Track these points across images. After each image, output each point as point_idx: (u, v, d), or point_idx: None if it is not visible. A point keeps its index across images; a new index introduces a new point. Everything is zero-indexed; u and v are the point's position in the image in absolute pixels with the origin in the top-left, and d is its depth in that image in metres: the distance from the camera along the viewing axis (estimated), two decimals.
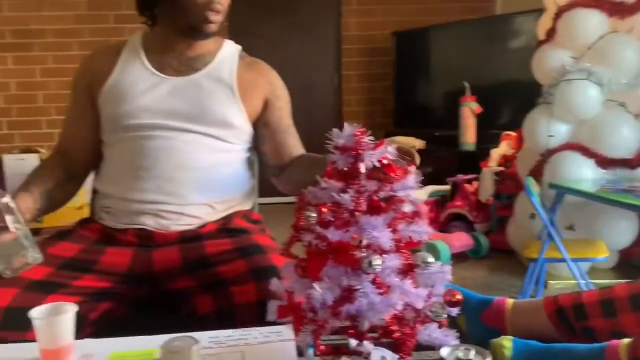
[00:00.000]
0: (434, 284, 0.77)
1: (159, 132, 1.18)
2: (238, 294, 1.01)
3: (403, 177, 0.79)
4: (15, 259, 0.94)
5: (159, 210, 1.16)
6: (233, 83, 1.24)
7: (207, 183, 1.19)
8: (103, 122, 1.24)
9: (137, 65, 1.23)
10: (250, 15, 4.77)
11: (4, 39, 4.66)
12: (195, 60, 1.25)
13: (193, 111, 1.19)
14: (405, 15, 4.78)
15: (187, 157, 1.18)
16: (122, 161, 1.20)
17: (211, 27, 1.20)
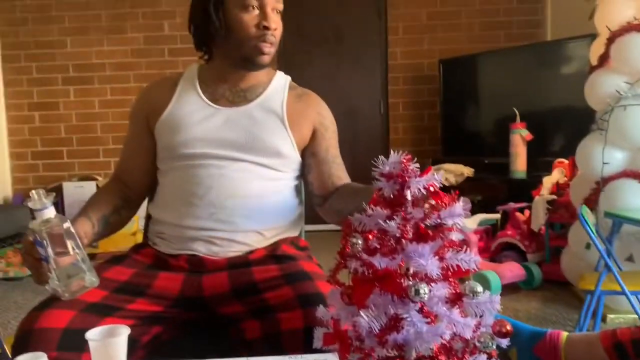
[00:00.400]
0: (482, 314, 0.75)
1: (212, 161, 1.21)
2: (285, 321, 1.01)
3: (450, 205, 0.78)
4: (73, 282, 0.98)
5: (210, 237, 1.19)
6: (283, 113, 1.27)
7: (257, 210, 1.22)
8: (159, 151, 1.29)
9: (192, 97, 1.28)
10: (298, 46, 4.88)
11: (68, 73, 4.93)
12: (248, 91, 1.29)
13: (244, 141, 1.23)
14: (452, 44, 4.78)
15: (238, 185, 1.21)
16: (176, 189, 1.24)
17: (264, 59, 1.25)
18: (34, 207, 0.96)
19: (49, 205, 0.97)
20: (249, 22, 1.21)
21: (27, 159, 5.02)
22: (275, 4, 1.25)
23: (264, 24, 1.22)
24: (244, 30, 1.22)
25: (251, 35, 1.22)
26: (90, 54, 4.92)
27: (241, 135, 1.23)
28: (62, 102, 4.96)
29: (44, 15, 4.89)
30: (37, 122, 4.99)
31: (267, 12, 1.22)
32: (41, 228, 0.95)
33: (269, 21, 1.22)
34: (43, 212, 0.96)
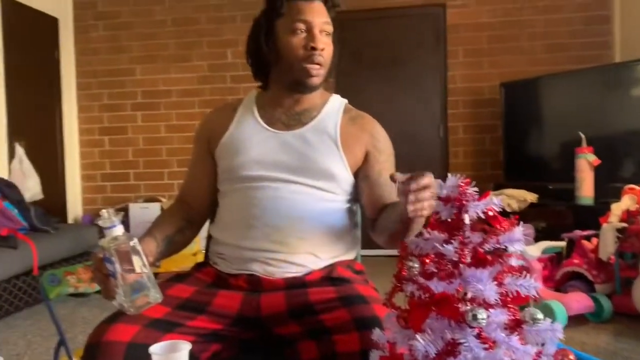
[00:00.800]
0: (544, 343, 0.73)
1: (268, 183, 1.25)
2: (341, 343, 1.01)
3: (510, 230, 0.77)
4: (139, 297, 1.02)
5: (266, 258, 1.21)
6: (337, 136, 1.29)
7: (312, 232, 1.23)
8: (220, 173, 1.34)
9: (250, 121, 1.33)
10: (357, 71, 4.93)
11: (136, 100, 5.19)
12: (303, 114, 1.32)
13: (299, 164, 1.25)
14: (513, 67, 4.70)
15: (293, 207, 1.23)
16: (234, 210, 1.28)
17: (314, 81, 1.27)
18: (104, 225, 1.01)
19: (117, 224, 1.02)
20: (297, 45, 1.25)
21: (97, 181, 5.28)
22: (323, 26, 1.27)
23: (311, 44, 1.24)
24: (292, 53, 1.25)
25: (299, 57, 1.25)
26: (158, 81, 5.16)
27: (295, 158, 1.26)
28: (131, 126, 5.21)
29: (115, 45, 5.19)
30: (107, 145, 5.25)
31: (314, 33, 1.25)
32: (109, 245, 1.00)
33: (316, 42, 1.24)
34: (112, 230, 1.01)
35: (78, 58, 5.24)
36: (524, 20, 4.71)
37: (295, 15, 1.25)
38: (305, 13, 1.25)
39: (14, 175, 4.31)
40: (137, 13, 5.14)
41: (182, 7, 5.09)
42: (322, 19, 1.27)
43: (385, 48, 4.91)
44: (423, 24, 4.87)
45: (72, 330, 2.95)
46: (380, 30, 4.91)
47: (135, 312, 1.03)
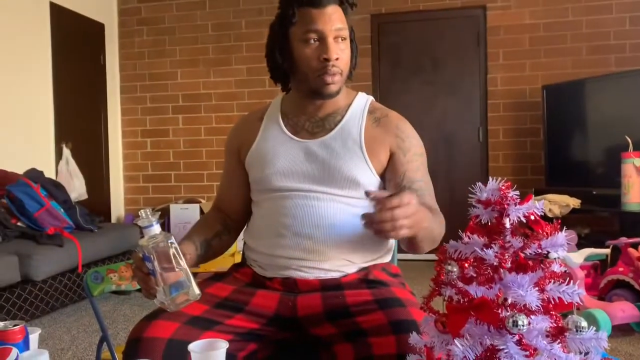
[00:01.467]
0: (587, 352, 0.71)
1: (296, 193, 1.24)
2: (377, 346, 1.01)
3: (552, 234, 0.75)
4: (178, 295, 1.04)
5: (300, 265, 1.21)
6: (361, 141, 1.26)
7: (343, 239, 1.22)
8: (250, 183, 1.35)
9: (275, 131, 1.32)
10: (395, 74, 4.91)
11: (177, 103, 5.30)
12: (327, 120, 1.30)
13: (324, 174, 1.24)
14: (556, 69, 4.59)
15: (322, 215, 1.22)
16: (265, 219, 1.28)
17: (331, 89, 1.24)
18: (142, 224, 1.04)
19: (155, 223, 1.04)
20: (311, 56, 1.22)
21: (139, 182, 5.42)
22: (337, 33, 1.21)
23: (323, 56, 1.21)
24: (306, 64, 1.23)
25: (313, 69, 1.22)
26: (198, 84, 5.26)
27: (320, 168, 1.24)
28: (172, 129, 5.33)
29: (158, 50, 5.31)
30: (149, 147, 5.38)
31: (327, 43, 1.20)
32: (148, 244, 1.03)
33: (329, 52, 1.20)
34: (150, 229, 1.03)
35: (122, 62, 5.39)
36: (567, 21, 4.59)
37: (307, 24, 1.21)
38: (317, 22, 1.20)
39: (61, 175, 4.46)
40: (180, 18, 5.26)
41: (222, 11, 5.18)
42: (335, 26, 1.21)
43: (425, 51, 4.87)
44: (463, 26, 4.81)
45: (114, 327, 3.03)
46: (419, 32, 4.88)
47: (174, 309, 1.05)
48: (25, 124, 4.24)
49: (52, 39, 4.51)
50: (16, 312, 3.01)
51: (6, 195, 3.44)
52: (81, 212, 3.80)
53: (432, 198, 1.29)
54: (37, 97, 4.40)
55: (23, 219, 3.43)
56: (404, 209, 1.00)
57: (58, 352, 2.68)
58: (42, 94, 4.45)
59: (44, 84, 4.46)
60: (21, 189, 3.47)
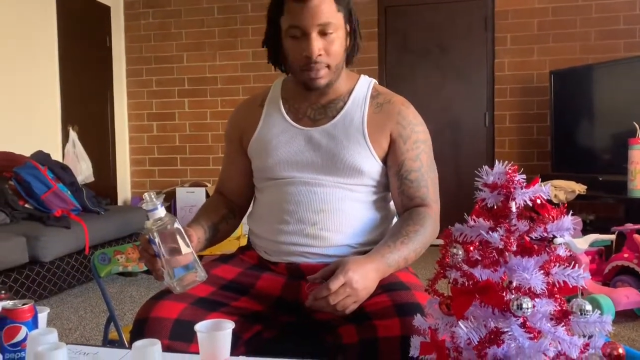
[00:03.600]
0: (592, 335, 0.71)
1: (299, 180, 1.24)
2: (381, 328, 1.01)
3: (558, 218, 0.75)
4: (184, 276, 1.05)
5: (303, 252, 1.21)
6: (363, 127, 1.24)
7: (346, 225, 1.22)
8: (253, 171, 1.34)
9: (277, 118, 1.30)
10: (402, 58, 4.87)
11: (183, 86, 5.29)
12: (328, 107, 1.28)
13: (326, 162, 1.23)
14: (564, 54, 4.54)
15: (325, 202, 1.21)
16: (268, 206, 1.28)
17: (318, 83, 1.22)
18: (147, 207, 1.03)
19: (160, 206, 1.04)
20: (295, 52, 1.20)
21: (145, 165, 5.43)
22: (321, 28, 1.16)
23: (304, 53, 1.18)
24: (291, 59, 1.22)
25: (298, 65, 1.21)
26: (204, 68, 5.24)
27: (322, 157, 1.23)
28: (178, 113, 5.32)
29: (164, 33, 5.29)
30: (155, 131, 5.39)
31: (309, 39, 1.16)
32: (152, 227, 1.03)
33: (310, 50, 1.16)
34: (154, 212, 1.03)
35: (128, 45, 5.38)
36: (577, 5, 4.54)
37: (291, 19, 1.17)
38: (299, 17, 1.15)
39: (68, 158, 4.48)
40: (185, 1, 5.22)
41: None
42: (319, 20, 1.15)
43: (432, 35, 4.83)
44: (471, 9, 4.76)
45: (121, 308, 3.07)
46: (426, 16, 4.83)
47: (181, 290, 1.06)
48: (32, 107, 4.24)
49: (58, 21, 4.50)
50: (25, 292, 3.04)
51: (14, 177, 3.47)
52: (88, 194, 3.82)
53: (428, 189, 1.25)
54: (44, 80, 4.40)
55: (30, 201, 3.45)
56: (333, 297, 1.01)
57: (66, 332, 2.72)
58: (49, 77, 4.45)
59: (50, 67, 4.46)
60: (28, 171, 3.49)
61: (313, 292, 1.03)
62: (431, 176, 1.27)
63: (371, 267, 1.07)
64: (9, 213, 3.28)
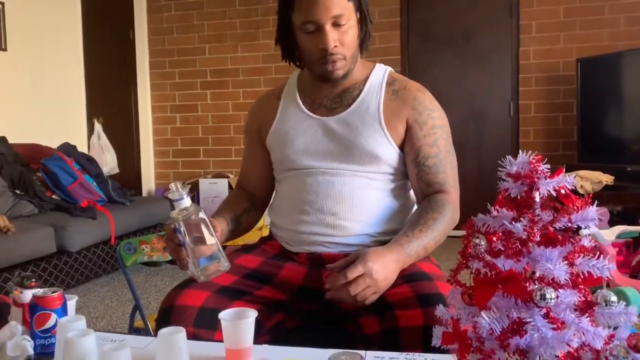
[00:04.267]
0: (617, 326, 0.70)
1: (318, 170, 1.24)
2: (403, 318, 1.02)
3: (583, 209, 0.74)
4: (209, 265, 1.07)
5: (323, 241, 1.22)
6: (380, 115, 1.24)
7: (366, 214, 1.22)
8: (273, 163, 1.36)
9: (293, 110, 1.31)
10: (424, 47, 4.82)
11: (206, 78, 5.33)
12: (344, 95, 1.28)
13: (343, 150, 1.23)
14: (592, 41, 4.44)
15: (343, 192, 1.22)
16: (288, 197, 1.29)
17: (336, 74, 1.22)
18: (173, 197, 1.05)
19: (186, 196, 1.06)
20: (310, 46, 1.20)
21: (169, 157, 5.50)
22: (334, 19, 1.16)
23: (320, 47, 1.18)
24: (307, 53, 1.22)
25: (314, 58, 1.21)
26: (226, 60, 5.26)
27: (339, 145, 1.24)
28: (200, 104, 5.36)
29: (186, 25, 5.32)
30: (178, 123, 5.44)
31: (323, 32, 1.16)
32: (178, 217, 1.05)
33: (325, 42, 1.17)
34: (180, 202, 1.05)
35: (151, 38, 5.42)
36: None
37: (304, 14, 1.17)
38: (312, 11, 1.15)
39: (93, 150, 4.56)
40: None
41: None
42: (332, 13, 1.15)
43: (455, 23, 4.76)
44: None
45: (146, 297, 3.12)
46: (449, 4, 4.77)
47: (204, 279, 1.08)
48: (58, 100, 4.32)
49: (82, 16, 4.56)
50: (53, 281, 3.11)
51: (41, 168, 3.54)
52: (113, 185, 3.88)
53: (447, 174, 1.24)
54: (69, 73, 4.47)
55: (58, 192, 3.52)
56: (353, 287, 1.02)
57: (93, 320, 2.78)
58: (74, 70, 4.52)
59: (75, 60, 4.53)
60: (55, 162, 3.56)
61: (330, 280, 1.04)
62: (450, 162, 1.26)
63: (391, 257, 1.07)
64: (37, 204, 3.36)
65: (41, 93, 4.14)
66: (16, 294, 1.05)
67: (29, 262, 2.98)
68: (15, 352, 0.92)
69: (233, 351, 0.92)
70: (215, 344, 0.99)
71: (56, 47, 4.31)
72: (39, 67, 4.12)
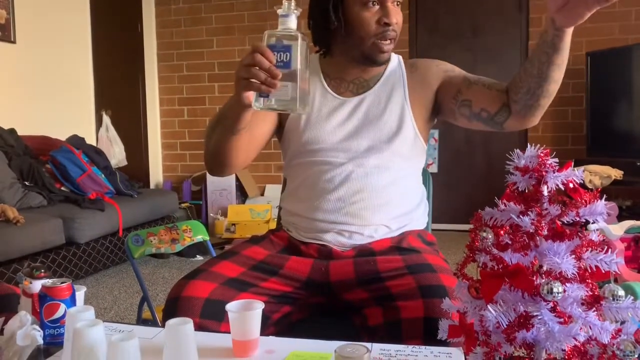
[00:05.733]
0: (624, 320, 0.70)
1: (341, 155, 1.25)
2: (405, 309, 1.02)
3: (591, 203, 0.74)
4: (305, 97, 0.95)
5: (340, 229, 1.23)
6: (405, 92, 1.29)
7: (384, 203, 1.23)
8: (290, 143, 1.33)
9: (319, 90, 1.32)
10: (433, 41, 4.80)
11: (213, 71, 5.32)
12: (370, 80, 1.32)
13: (367, 123, 1.26)
14: (602, 35, 4.39)
15: (365, 180, 1.23)
16: (307, 182, 1.29)
17: (384, 57, 1.26)
18: (283, 12, 0.97)
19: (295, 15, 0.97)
20: (370, 19, 1.21)
21: (177, 150, 5.51)
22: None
23: (384, 20, 1.20)
24: (364, 27, 1.22)
25: (372, 33, 1.22)
26: (234, 52, 5.26)
27: (363, 119, 1.27)
28: (208, 97, 5.36)
29: (194, 17, 5.32)
30: (186, 115, 5.45)
31: (387, 6, 1.21)
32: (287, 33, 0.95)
33: (390, 17, 1.21)
34: (291, 19, 0.96)
35: (159, 30, 5.43)
36: None
37: None
38: None
39: (101, 142, 4.58)
40: None
41: None
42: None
43: (464, 16, 4.73)
44: None
45: (154, 289, 3.14)
46: None
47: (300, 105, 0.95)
48: (66, 92, 4.34)
49: (90, 8, 4.57)
50: (62, 272, 3.14)
51: (50, 160, 3.56)
52: (121, 178, 3.90)
53: None
54: (78, 65, 4.48)
55: (66, 184, 3.55)
56: None
57: (101, 311, 2.80)
58: (82, 63, 4.53)
59: (83, 53, 4.54)
60: (64, 154, 3.58)
61: None
62: None
63: None
64: (47, 196, 3.38)
65: (50, 85, 4.16)
66: (25, 284, 1.06)
67: (38, 253, 3.01)
68: (25, 341, 0.93)
69: (240, 342, 0.92)
70: (222, 335, 0.99)
71: (65, 39, 4.32)
72: (47, 59, 4.14)
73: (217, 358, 0.92)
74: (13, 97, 3.82)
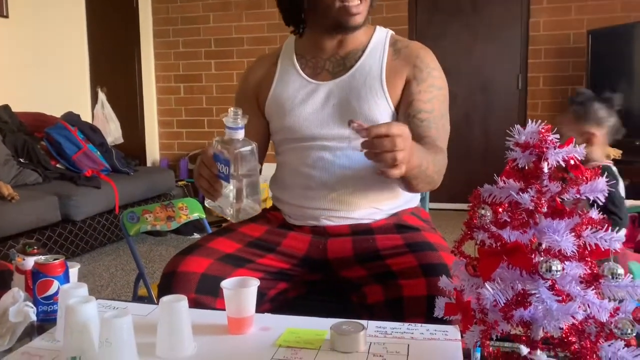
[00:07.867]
0: (622, 299, 0.69)
1: (320, 142, 1.21)
2: (407, 287, 1.01)
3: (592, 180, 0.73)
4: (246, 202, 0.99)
5: (328, 215, 1.21)
6: (382, 75, 1.21)
7: (370, 187, 1.20)
8: (273, 133, 1.31)
9: (293, 75, 1.27)
10: (433, 17, 4.74)
11: (210, 47, 5.26)
12: (347, 58, 1.25)
13: (344, 115, 1.19)
14: (604, 12, 4.34)
15: (347, 165, 1.20)
16: (291, 170, 1.27)
17: (356, 20, 1.18)
18: (228, 124, 0.97)
19: (241, 128, 0.98)
20: None
21: (173, 127, 5.47)
22: None
23: None
24: None
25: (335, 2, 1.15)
26: (230, 29, 5.19)
27: (341, 110, 1.21)
28: (204, 74, 5.31)
29: None
30: (182, 93, 5.40)
31: None
32: (232, 147, 0.97)
33: None
34: (235, 132, 0.97)
35: (155, 6, 5.34)
36: None
37: None
38: None
39: (97, 119, 4.54)
40: None
41: None
42: None
43: None
44: None
45: (150, 267, 3.14)
46: None
47: (234, 219, 1.01)
48: (61, 68, 4.29)
49: None
50: (58, 249, 3.14)
51: (45, 137, 3.53)
52: (117, 155, 3.88)
53: (439, 133, 1.20)
54: (72, 41, 4.42)
55: (62, 161, 3.52)
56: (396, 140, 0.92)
57: (97, 288, 2.81)
58: (77, 38, 4.47)
59: (78, 28, 4.47)
60: (59, 131, 3.55)
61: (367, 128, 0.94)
62: (443, 124, 1.22)
63: None
64: (42, 173, 3.36)
65: (44, 61, 4.10)
66: (18, 260, 1.05)
67: (34, 230, 3.00)
68: (18, 318, 0.92)
69: (235, 319, 0.91)
70: (217, 312, 0.99)
71: (59, 13, 4.25)
72: (41, 34, 4.07)
73: (212, 335, 0.91)
74: (6, 72, 3.77)
